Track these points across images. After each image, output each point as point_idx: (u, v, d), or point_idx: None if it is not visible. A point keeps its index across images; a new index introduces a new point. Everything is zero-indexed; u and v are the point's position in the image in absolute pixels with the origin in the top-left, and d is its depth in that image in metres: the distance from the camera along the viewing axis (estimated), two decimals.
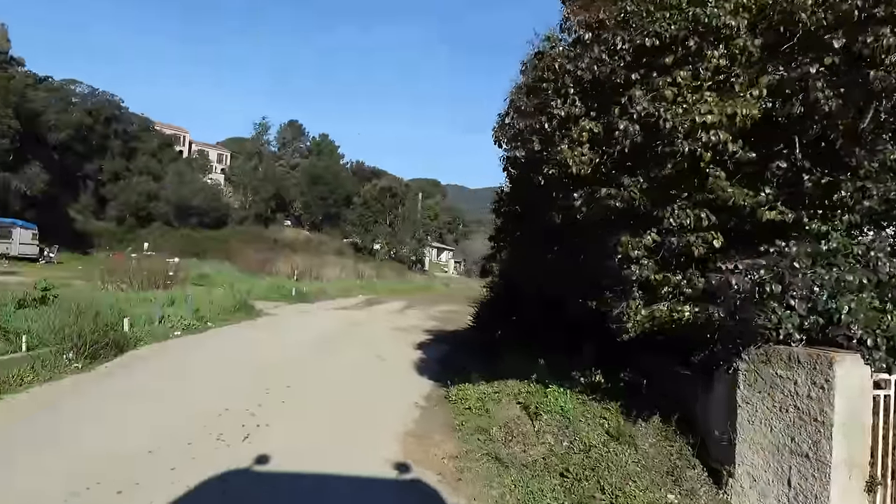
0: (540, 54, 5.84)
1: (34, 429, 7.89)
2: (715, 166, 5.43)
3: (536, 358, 9.88)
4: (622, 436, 6.88)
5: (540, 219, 7.33)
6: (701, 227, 5.62)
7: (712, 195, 5.56)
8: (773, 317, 5.19)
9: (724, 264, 5.68)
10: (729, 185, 5.54)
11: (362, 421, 9.03)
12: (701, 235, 5.67)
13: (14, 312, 11.84)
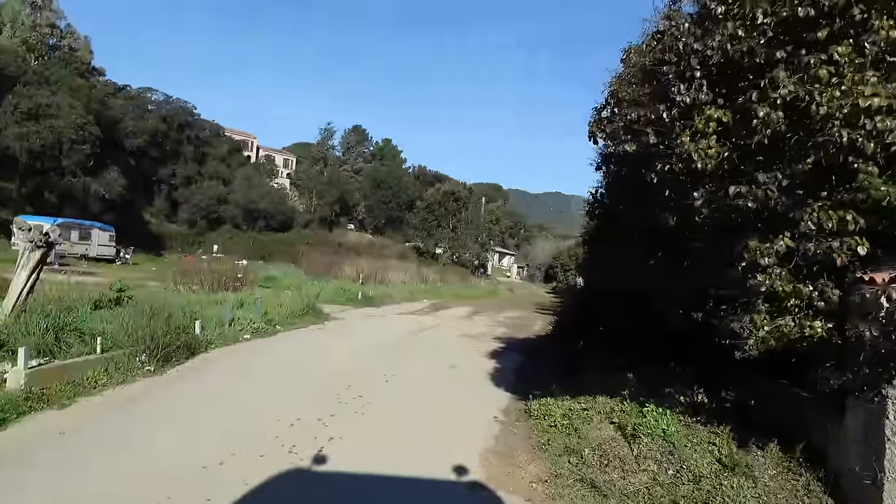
0: (659, 34, 5.18)
1: (108, 432, 7.71)
2: (865, 161, 4.65)
3: (624, 371, 9.16)
4: (737, 466, 6.10)
5: (642, 221, 6.65)
6: (846, 232, 4.84)
7: (861, 194, 4.77)
8: None
9: (875, 275, 4.88)
10: (882, 182, 4.75)
11: (440, 436, 8.51)
12: (845, 241, 4.89)
13: (90, 314, 11.89)
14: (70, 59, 65.64)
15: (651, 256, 7.02)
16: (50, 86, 46.90)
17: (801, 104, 4.26)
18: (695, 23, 4.83)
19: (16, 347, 9.37)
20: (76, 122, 41.71)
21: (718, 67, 4.75)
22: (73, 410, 8.51)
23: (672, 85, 4.90)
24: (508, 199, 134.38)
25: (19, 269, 10.70)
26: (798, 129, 4.43)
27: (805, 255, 5.10)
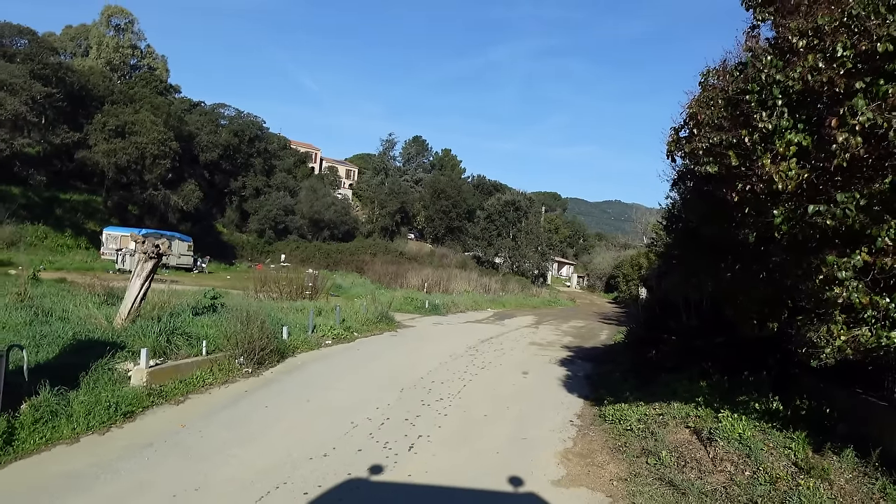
0: (742, 65, 5.60)
1: (221, 426, 8.59)
2: None
3: (697, 379, 9.47)
4: (812, 469, 6.39)
5: (720, 236, 7.02)
6: None
7: None
8: None
9: None
10: None
11: (519, 437, 9.03)
12: None
13: (192, 319, 12.97)
14: (150, 78, 69.53)
15: (727, 269, 7.36)
16: (133, 104, 49.86)
17: (880, 130, 4.61)
18: (775, 54, 5.24)
19: (134, 348, 10.46)
20: (158, 139, 44.19)
21: (798, 95, 5.14)
22: (188, 406, 9.47)
23: (754, 112, 5.31)
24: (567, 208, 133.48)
25: (134, 278, 11.83)
26: (876, 152, 4.78)
27: (882, 269, 5.40)
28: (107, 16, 74.92)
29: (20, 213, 39.82)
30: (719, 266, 7.48)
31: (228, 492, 6.29)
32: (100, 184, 47.59)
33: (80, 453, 7.27)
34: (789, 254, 5.93)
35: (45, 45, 45.38)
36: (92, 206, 47.51)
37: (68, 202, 45.66)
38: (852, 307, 5.69)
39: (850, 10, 4.74)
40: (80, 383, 8.82)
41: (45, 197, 44.05)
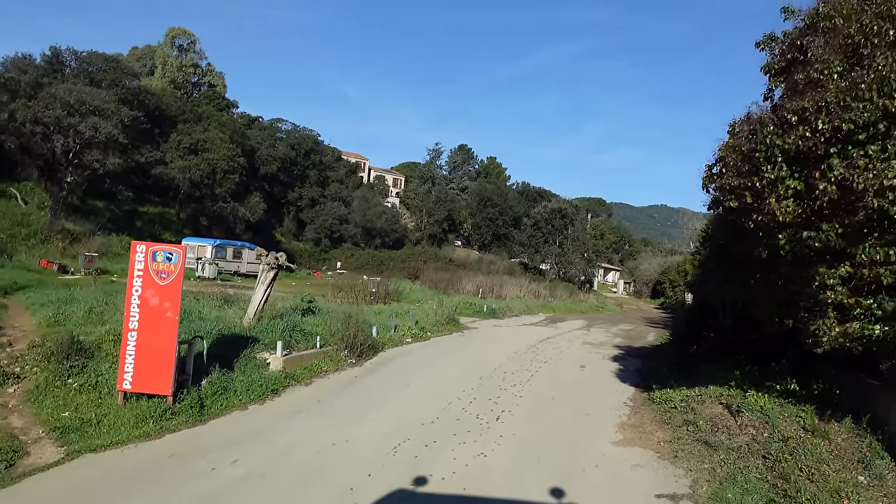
0: (753, 132, 7.64)
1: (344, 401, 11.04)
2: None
3: (731, 369, 11.43)
4: (816, 431, 8.35)
5: (742, 252, 9.02)
6: (889, 262, 7.09)
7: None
8: None
9: None
10: None
11: (584, 415, 11.17)
12: (889, 268, 7.14)
13: (302, 319, 15.49)
14: (212, 95, 73.70)
15: (750, 277, 9.32)
16: (201, 122, 53.62)
17: (848, 182, 6.60)
18: (777, 124, 7.25)
19: (265, 342, 12.99)
20: (227, 155, 47.62)
21: (792, 154, 7.15)
22: (315, 386, 11.91)
23: (762, 165, 7.35)
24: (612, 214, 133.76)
25: (258, 285, 14.41)
26: (846, 196, 6.76)
27: (861, 278, 7.38)
28: (171, 37, 79.39)
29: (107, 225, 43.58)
30: (744, 276, 9.46)
31: (374, 442, 8.63)
32: (173, 197, 51.31)
33: (253, 416, 9.77)
34: (793, 267, 7.93)
35: (127, 71, 49.39)
36: (166, 218, 51.26)
37: (146, 215, 49.46)
38: (843, 306, 7.67)
39: (827, 96, 6.77)
40: (235, 367, 11.34)
41: (125, 210, 47.91)
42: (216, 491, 6.74)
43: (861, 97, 6.56)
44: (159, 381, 9.29)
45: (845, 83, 6.89)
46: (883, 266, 7.15)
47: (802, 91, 7.40)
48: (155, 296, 9.41)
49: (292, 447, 8.31)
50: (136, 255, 9.51)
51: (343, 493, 6.83)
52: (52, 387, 9.74)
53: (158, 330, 9.33)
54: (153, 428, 8.71)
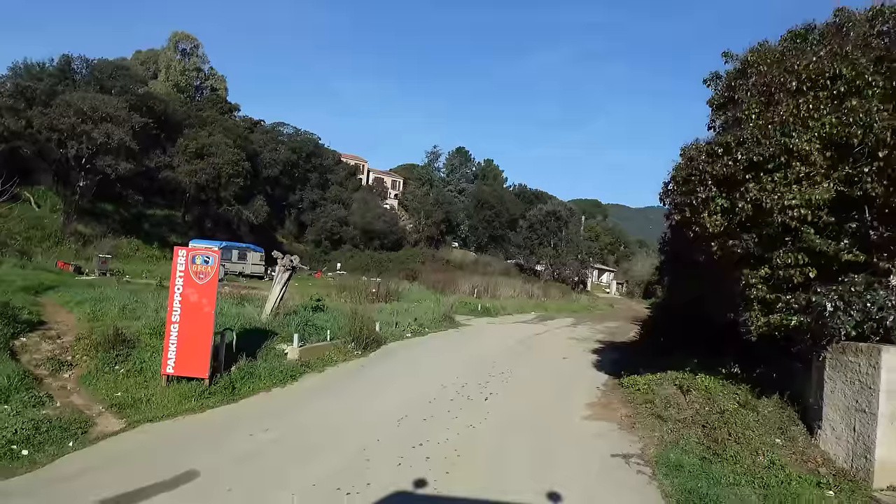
0: (690, 159, 9.36)
1: (355, 385, 12.75)
2: (807, 226, 8.66)
3: (689, 357, 13.16)
4: (748, 405, 10.06)
5: (690, 257, 10.76)
6: (797, 265, 8.83)
7: (806, 245, 8.77)
8: (839, 323, 8.31)
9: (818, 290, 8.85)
10: (818, 238, 8.73)
11: (561, 396, 12.91)
12: (798, 269, 8.87)
13: (313, 315, 17.22)
14: (215, 99, 75.33)
15: (698, 278, 11.05)
16: (206, 127, 55.32)
17: (759, 202, 8.33)
18: (707, 156, 8.97)
19: (283, 334, 14.68)
20: (232, 160, 49.30)
21: (720, 178, 8.87)
22: (328, 373, 13.62)
23: (697, 187, 9.08)
24: (608, 215, 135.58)
25: (274, 285, 16.14)
26: (759, 213, 8.48)
27: (777, 278, 9.12)
28: (175, 41, 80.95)
29: (116, 227, 45.19)
30: (693, 277, 11.20)
31: (381, 416, 10.34)
32: (179, 200, 53.00)
33: (276, 397, 11.49)
34: (725, 269, 9.67)
35: (136, 78, 51.09)
36: (172, 221, 52.90)
37: (154, 217, 51.08)
38: (766, 301, 9.40)
39: (745, 133, 8.51)
40: (258, 356, 13.05)
41: (133, 213, 49.56)
42: (257, 450, 8.44)
43: (768, 135, 8.29)
44: (198, 366, 10.99)
45: (760, 122, 8.63)
46: (793, 268, 8.89)
47: (732, 126, 9.15)
48: (194, 293, 11.11)
49: (313, 419, 10.03)
50: (177, 258, 11.22)
51: (357, 451, 8.53)
52: (101, 372, 11.40)
53: (197, 322, 11.03)
54: (195, 405, 10.40)
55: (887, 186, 8.07)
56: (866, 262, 8.68)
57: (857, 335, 8.47)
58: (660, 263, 15.47)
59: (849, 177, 8.30)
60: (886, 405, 7.99)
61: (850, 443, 8.45)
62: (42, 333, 13.12)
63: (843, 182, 8.37)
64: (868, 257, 8.69)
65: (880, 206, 8.41)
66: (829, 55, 8.50)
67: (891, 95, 8.04)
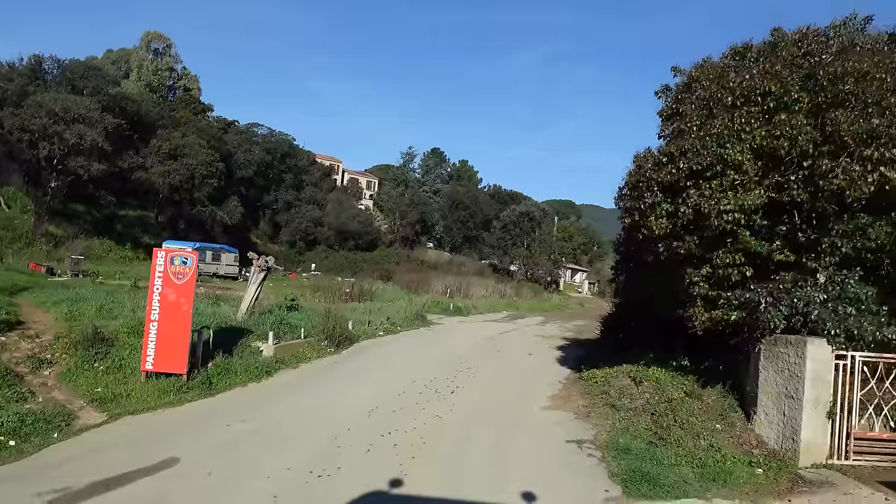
0: (639, 166, 10.13)
1: (327, 380, 13.33)
2: (743, 229, 9.47)
3: (645, 352, 13.97)
4: (693, 394, 10.86)
5: (641, 257, 11.54)
6: (735, 265, 9.63)
7: (742, 246, 9.58)
8: (770, 318, 9.13)
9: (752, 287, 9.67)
10: (753, 240, 9.54)
11: (524, 389, 13.63)
12: (736, 268, 9.67)
13: (287, 314, 17.73)
14: (189, 99, 74.92)
15: (650, 278, 11.84)
16: (180, 127, 55.16)
17: (699, 207, 9.11)
18: (654, 163, 9.74)
19: (258, 332, 15.18)
20: (206, 160, 49.30)
21: (665, 184, 9.64)
22: (302, 369, 14.18)
23: (644, 192, 9.84)
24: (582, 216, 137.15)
25: (250, 285, 16.63)
26: (698, 217, 9.27)
27: (717, 276, 9.92)
28: (147, 41, 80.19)
29: (88, 229, 44.93)
30: (645, 276, 11.99)
31: (352, 408, 10.94)
32: (152, 201, 52.80)
33: (252, 391, 12.02)
34: (672, 268, 10.45)
35: (108, 79, 50.78)
36: (145, 222, 52.67)
37: (126, 218, 50.83)
38: (708, 298, 10.20)
39: (686, 144, 9.29)
40: (234, 354, 13.54)
41: (106, 214, 49.27)
42: (234, 439, 9.00)
43: (707, 146, 9.08)
44: (176, 362, 11.48)
45: (701, 134, 9.42)
46: (732, 267, 9.70)
47: (677, 136, 9.94)
48: (173, 293, 11.59)
49: (288, 411, 10.60)
50: (156, 259, 11.69)
51: (329, 439, 9.13)
52: (81, 369, 11.81)
53: (176, 320, 11.52)
54: (174, 399, 10.90)
55: (812, 193, 8.91)
56: (796, 261, 9.51)
57: (787, 328, 9.31)
58: (615, 263, 16.25)
59: (779, 184, 9.12)
60: (811, 391, 8.82)
61: (780, 426, 9.27)
62: (21, 333, 13.42)
63: (774, 189, 9.19)
64: (798, 257, 9.52)
65: (807, 210, 9.26)
66: (762, 73, 9.33)
67: (814, 111, 8.88)
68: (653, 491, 7.74)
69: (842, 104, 8.64)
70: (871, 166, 8.33)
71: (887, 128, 8.15)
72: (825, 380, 8.89)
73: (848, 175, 8.39)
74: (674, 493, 7.72)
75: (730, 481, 8.16)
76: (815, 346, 8.84)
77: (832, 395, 8.91)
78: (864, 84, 8.45)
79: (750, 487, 8.05)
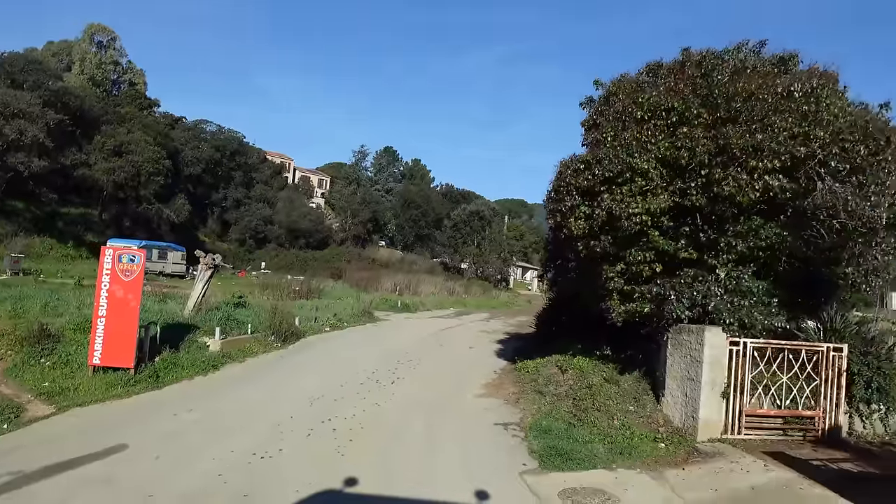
0: (560, 173, 11.09)
1: (272, 373, 13.89)
2: (653, 229, 10.51)
3: (574, 343, 15.02)
4: (612, 380, 11.90)
5: (565, 254, 12.54)
6: (646, 262, 10.67)
7: (652, 245, 10.63)
8: (673, 309, 10.20)
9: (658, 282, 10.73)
10: (661, 239, 10.60)
11: (461, 380, 14.48)
12: (647, 265, 10.72)
13: (234, 311, 18.17)
14: (134, 94, 73.39)
15: (575, 274, 12.85)
16: (125, 123, 54.25)
17: (611, 210, 10.12)
18: (573, 171, 10.71)
19: (205, 328, 15.62)
20: (153, 157, 48.70)
21: (584, 189, 10.62)
22: (247, 363, 14.70)
23: (564, 197, 10.81)
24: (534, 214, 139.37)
25: (197, 282, 17.02)
26: (611, 219, 10.28)
27: (630, 272, 10.95)
28: (90, 33, 78.02)
29: (27, 226, 43.88)
30: (570, 272, 13.00)
31: (296, 399, 11.59)
32: (95, 198, 51.76)
33: (199, 384, 12.53)
34: (591, 265, 11.46)
35: (50, 72, 49.55)
36: (88, 219, 51.57)
37: (68, 216, 49.71)
38: (624, 292, 11.23)
39: (600, 154, 10.29)
40: (180, 349, 13.98)
41: (46, 211, 48.12)
42: (181, 427, 9.54)
43: (618, 155, 10.09)
44: (124, 357, 11.90)
45: (615, 144, 10.43)
46: (643, 264, 10.73)
47: (595, 146, 10.94)
48: (120, 289, 12.00)
49: (234, 402, 11.17)
50: (104, 257, 12.07)
51: (273, 426, 9.77)
52: (28, 365, 12.07)
53: (123, 316, 11.93)
54: (122, 391, 11.33)
55: (710, 198, 10.01)
56: (699, 258, 10.62)
57: (691, 318, 10.40)
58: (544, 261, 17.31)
59: (682, 190, 10.20)
60: (708, 374, 9.91)
61: (683, 406, 10.36)
62: None
63: (678, 194, 10.26)
64: (700, 255, 10.62)
65: (707, 213, 10.36)
66: (667, 91, 10.41)
67: (711, 125, 9.98)
68: (565, 464, 8.67)
69: (733, 120, 9.77)
70: (757, 175, 9.47)
71: (769, 142, 9.28)
72: (721, 364, 9.99)
73: (737, 182, 9.51)
74: (583, 465, 8.66)
75: (634, 454, 9.16)
76: (711, 333, 9.94)
77: (727, 377, 10.03)
78: (751, 103, 9.59)
79: (651, 459, 9.07)
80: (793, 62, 11.17)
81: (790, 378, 10.19)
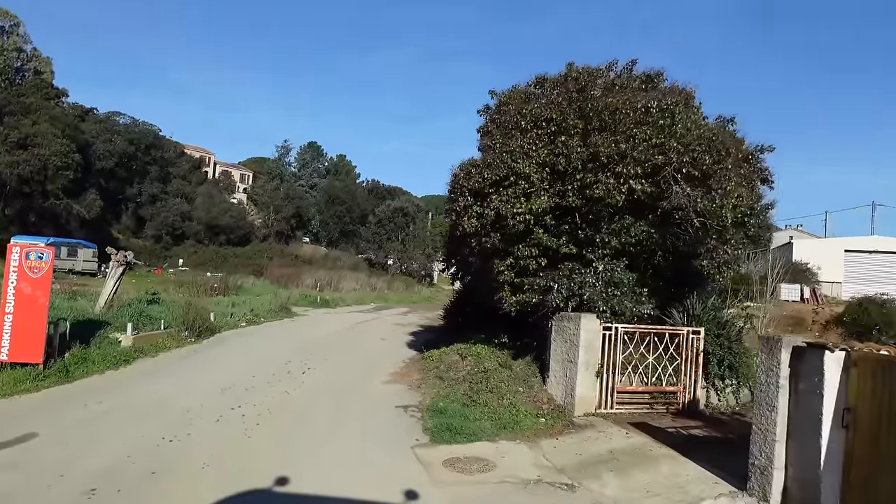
0: (455, 176, 12.13)
1: (184, 367, 14.32)
2: (537, 227, 11.69)
3: (478, 333, 16.14)
4: (506, 365, 13.06)
5: (462, 251, 13.61)
6: (532, 256, 11.84)
7: (537, 241, 11.80)
8: (553, 299, 11.41)
9: (542, 274, 11.92)
10: (545, 236, 11.79)
11: (370, 368, 15.33)
12: (534, 259, 11.89)
13: (148, 307, 18.32)
14: (40, 84, 69.73)
15: (474, 268, 13.94)
16: (30, 115, 51.77)
17: (499, 210, 11.22)
18: (465, 173, 11.77)
19: (117, 324, 15.82)
20: (60, 151, 46.85)
21: (475, 191, 11.69)
22: (160, 357, 15.05)
23: (459, 196, 11.85)
24: None
25: (108, 279, 17.11)
26: (499, 218, 11.39)
27: (519, 266, 12.11)
28: None
29: None
30: (471, 265, 14.08)
31: (207, 389, 12.13)
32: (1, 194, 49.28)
33: (110, 378, 12.85)
34: (485, 260, 12.56)
35: None
36: None
37: None
38: (514, 284, 12.37)
39: (489, 158, 11.37)
40: (91, 344, 14.19)
41: None
42: (92, 417, 9.96)
43: (504, 161, 11.20)
44: (32, 352, 12.07)
45: (503, 150, 11.54)
46: (530, 259, 11.90)
47: (486, 151, 12.02)
48: (28, 286, 12.15)
49: (145, 393, 11.60)
50: (11, 255, 12.19)
51: (182, 413, 10.32)
52: None
53: (31, 313, 12.09)
54: (31, 386, 11.54)
55: (585, 200, 11.27)
56: (579, 253, 11.89)
57: (574, 308, 11.64)
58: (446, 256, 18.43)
59: (561, 192, 11.42)
60: (584, 356, 11.16)
61: (563, 385, 11.59)
62: None
63: (558, 196, 11.48)
64: (580, 250, 11.89)
65: (584, 213, 11.64)
66: (548, 104, 11.62)
67: (585, 135, 11.24)
68: (453, 438, 9.67)
69: (603, 130, 11.05)
70: (623, 180, 10.78)
71: (632, 151, 10.60)
72: (594, 347, 11.26)
73: (606, 186, 10.80)
74: (470, 438, 9.69)
75: (517, 429, 10.28)
76: (587, 319, 11.20)
77: (600, 358, 11.31)
78: (617, 117, 10.90)
79: (531, 432, 10.21)
80: (658, 79, 12.63)
81: (656, 358, 11.58)
